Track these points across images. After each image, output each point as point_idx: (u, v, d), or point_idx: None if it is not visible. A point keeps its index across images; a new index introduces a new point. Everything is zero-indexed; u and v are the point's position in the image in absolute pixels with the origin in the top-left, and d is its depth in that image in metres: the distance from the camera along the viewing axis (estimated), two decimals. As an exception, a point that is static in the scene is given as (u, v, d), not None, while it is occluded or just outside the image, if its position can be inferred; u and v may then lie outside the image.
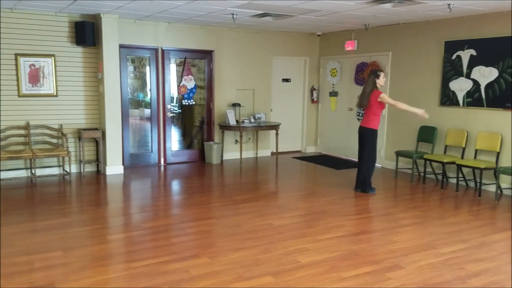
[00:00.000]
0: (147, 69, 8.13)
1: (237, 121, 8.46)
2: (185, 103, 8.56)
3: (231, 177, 7.60)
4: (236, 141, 9.01)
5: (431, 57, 7.36)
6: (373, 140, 6.28)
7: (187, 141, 8.98)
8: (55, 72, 7.14)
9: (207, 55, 8.56)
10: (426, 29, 7.40)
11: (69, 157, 7.05)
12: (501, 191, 6.43)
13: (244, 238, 4.53)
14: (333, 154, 9.57)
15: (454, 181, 6.93)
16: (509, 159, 6.30)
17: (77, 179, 7.13)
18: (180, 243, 4.38)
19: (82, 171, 7.39)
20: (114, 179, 7.18)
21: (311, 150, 10.01)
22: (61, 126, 7.25)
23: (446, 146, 7.08)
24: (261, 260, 3.97)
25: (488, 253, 4.22)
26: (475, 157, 6.65)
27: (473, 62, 6.71)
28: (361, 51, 8.67)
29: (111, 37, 7.17)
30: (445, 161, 6.66)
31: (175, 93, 8.47)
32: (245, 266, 3.84)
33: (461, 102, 6.92)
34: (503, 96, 6.36)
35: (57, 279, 3.55)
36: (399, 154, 7.39)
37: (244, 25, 8.21)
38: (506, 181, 6.39)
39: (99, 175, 7.44)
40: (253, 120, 8.73)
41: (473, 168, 6.39)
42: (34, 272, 3.68)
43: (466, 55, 6.80)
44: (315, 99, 9.78)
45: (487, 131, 6.57)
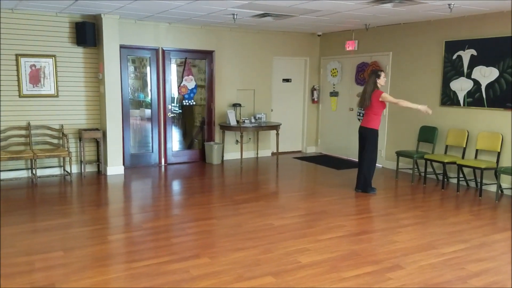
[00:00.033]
0: (148, 69, 8.14)
1: (237, 121, 8.46)
2: (185, 103, 8.56)
3: (232, 177, 7.60)
4: (236, 141, 9.01)
5: (432, 57, 7.36)
6: (374, 140, 6.27)
7: (187, 141, 8.98)
8: (55, 72, 7.15)
9: (207, 55, 8.56)
10: (426, 29, 7.40)
11: (70, 158, 7.06)
12: (502, 191, 6.43)
13: (244, 238, 4.53)
14: (333, 154, 9.57)
15: (454, 181, 6.93)
16: (510, 159, 6.30)
17: (78, 179, 7.14)
18: (180, 243, 4.39)
19: (82, 171, 7.40)
20: (114, 179, 7.19)
21: (311, 150, 10.01)
22: (62, 126, 7.26)
23: (446, 146, 7.08)
24: (261, 260, 3.98)
25: (488, 253, 4.22)
26: (475, 157, 6.65)
27: (474, 62, 6.71)
28: (361, 51, 8.67)
29: (112, 38, 7.18)
30: (446, 161, 6.66)
31: (175, 94, 8.47)
32: (245, 266, 3.84)
33: (461, 102, 6.92)
34: (503, 96, 6.35)
35: (58, 279, 3.55)
36: (400, 154, 7.39)
37: (244, 25, 8.21)
38: (506, 181, 6.38)
39: (100, 175, 7.45)
40: (253, 120, 8.73)
41: (474, 168, 6.39)
42: (34, 272, 3.69)
43: (466, 55, 6.80)
44: (316, 99, 9.78)
45: (487, 131, 6.57)
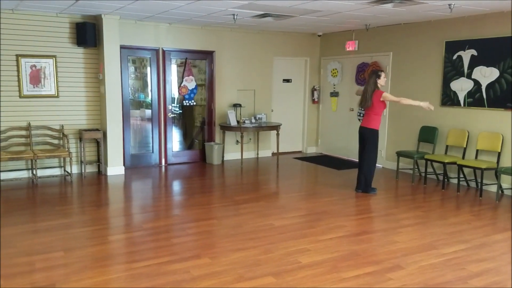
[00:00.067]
0: (148, 69, 8.14)
1: (238, 122, 8.46)
2: (186, 103, 8.57)
3: (232, 178, 7.60)
4: (237, 141, 9.01)
5: (432, 57, 7.35)
6: (375, 140, 6.27)
7: (188, 142, 8.98)
8: (56, 73, 7.15)
9: (208, 55, 8.56)
10: (427, 29, 7.40)
11: (70, 158, 7.06)
12: (502, 191, 6.43)
13: (245, 238, 4.53)
14: (334, 154, 9.57)
15: (455, 181, 6.92)
16: (510, 159, 6.30)
17: (78, 179, 7.14)
18: (181, 244, 4.39)
19: (83, 171, 7.40)
20: (115, 179, 7.19)
21: (312, 150, 10.01)
22: (62, 127, 7.26)
23: (447, 146, 7.07)
24: (262, 260, 3.98)
25: (489, 254, 4.22)
26: (476, 157, 6.65)
27: (474, 62, 6.71)
28: (362, 51, 8.67)
29: (112, 38, 7.18)
30: (446, 161, 6.65)
31: (176, 94, 8.47)
32: (246, 266, 3.84)
33: (462, 102, 6.92)
34: (504, 96, 6.35)
35: (58, 279, 3.55)
36: (400, 154, 7.39)
37: (244, 26, 8.21)
38: (507, 181, 6.38)
39: (100, 175, 7.45)
40: (254, 120, 8.73)
41: (474, 168, 6.39)
42: (35, 272, 3.69)
43: (467, 55, 6.80)
44: (316, 100, 9.78)
45: (488, 131, 6.57)
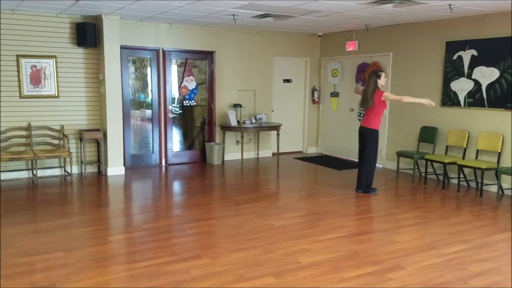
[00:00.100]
0: (148, 70, 8.14)
1: (238, 122, 8.46)
2: (186, 103, 8.57)
3: (232, 178, 7.60)
4: (237, 141, 9.01)
5: (432, 57, 7.35)
6: (375, 140, 6.26)
7: (188, 142, 8.98)
8: (56, 73, 7.15)
9: (208, 56, 8.57)
10: (427, 29, 7.40)
11: (70, 158, 7.06)
12: (503, 192, 6.42)
13: (245, 238, 4.53)
14: (334, 154, 9.57)
15: (455, 181, 6.92)
16: (510, 159, 6.29)
17: (79, 180, 7.14)
18: (181, 244, 4.39)
19: (83, 172, 7.40)
20: (115, 180, 7.19)
21: (312, 150, 10.01)
22: (63, 127, 7.27)
23: (447, 146, 7.07)
24: (262, 260, 3.98)
25: (489, 254, 4.22)
26: (476, 158, 6.65)
27: (474, 62, 6.71)
28: (362, 51, 8.67)
29: (112, 38, 7.18)
30: (446, 161, 6.65)
31: (176, 94, 8.47)
32: (246, 266, 3.84)
33: (462, 102, 6.91)
34: (504, 96, 6.35)
35: (58, 280, 3.55)
36: (400, 154, 7.38)
37: (245, 26, 8.21)
38: (507, 182, 6.38)
39: (100, 176, 7.45)
40: (254, 120, 8.73)
41: (475, 168, 6.39)
42: (35, 273, 3.69)
43: (467, 56, 6.80)
44: (316, 100, 9.78)
45: (488, 131, 6.57)
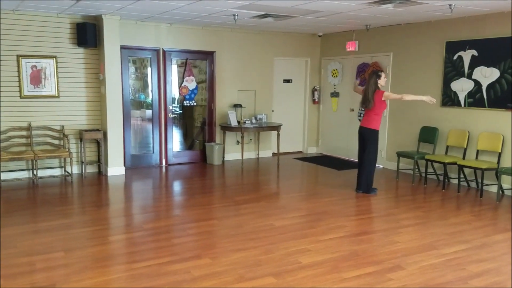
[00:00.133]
0: (149, 70, 8.14)
1: (238, 122, 8.46)
2: (186, 104, 8.57)
3: (233, 178, 7.60)
4: (237, 142, 9.01)
5: (432, 57, 7.35)
6: (375, 140, 6.26)
7: (188, 142, 8.98)
8: (56, 73, 7.16)
9: (208, 56, 8.57)
10: (427, 29, 7.40)
11: (71, 158, 7.07)
12: (503, 192, 6.42)
13: (245, 238, 4.53)
14: (334, 154, 9.57)
15: (455, 181, 6.92)
16: (510, 159, 6.29)
17: (79, 180, 7.14)
18: (181, 244, 4.39)
19: (83, 172, 7.40)
20: (115, 180, 7.19)
21: (312, 150, 10.01)
22: (63, 127, 7.27)
23: (447, 146, 7.07)
24: (262, 260, 3.98)
25: (489, 254, 4.22)
26: (476, 158, 6.65)
27: (475, 62, 6.71)
28: (362, 51, 8.67)
29: (113, 38, 7.18)
30: (447, 161, 6.65)
31: (176, 94, 8.48)
32: (246, 266, 3.85)
33: (462, 102, 6.91)
34: (504, 96, 6.35)
35: (59, 280, 3.56)
36: (401, 154, 7.38)
37: (245, 26, 8.21)
38: (507, 182, 6.38)
39: (101, 176, 7.45)
40: (254, 121, 8.73)
41: (475, 168, 6.39)
42: (35, 273, 3.69)
43: (467, 56, 6.80)
44: (317, 100, 9.78)
45: (488, 131, 6.57)
